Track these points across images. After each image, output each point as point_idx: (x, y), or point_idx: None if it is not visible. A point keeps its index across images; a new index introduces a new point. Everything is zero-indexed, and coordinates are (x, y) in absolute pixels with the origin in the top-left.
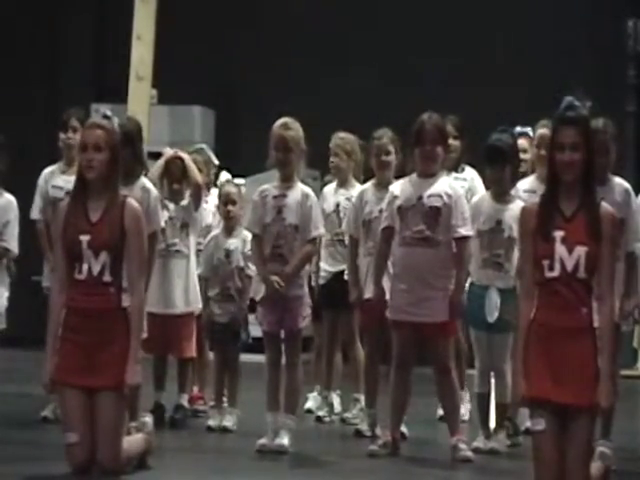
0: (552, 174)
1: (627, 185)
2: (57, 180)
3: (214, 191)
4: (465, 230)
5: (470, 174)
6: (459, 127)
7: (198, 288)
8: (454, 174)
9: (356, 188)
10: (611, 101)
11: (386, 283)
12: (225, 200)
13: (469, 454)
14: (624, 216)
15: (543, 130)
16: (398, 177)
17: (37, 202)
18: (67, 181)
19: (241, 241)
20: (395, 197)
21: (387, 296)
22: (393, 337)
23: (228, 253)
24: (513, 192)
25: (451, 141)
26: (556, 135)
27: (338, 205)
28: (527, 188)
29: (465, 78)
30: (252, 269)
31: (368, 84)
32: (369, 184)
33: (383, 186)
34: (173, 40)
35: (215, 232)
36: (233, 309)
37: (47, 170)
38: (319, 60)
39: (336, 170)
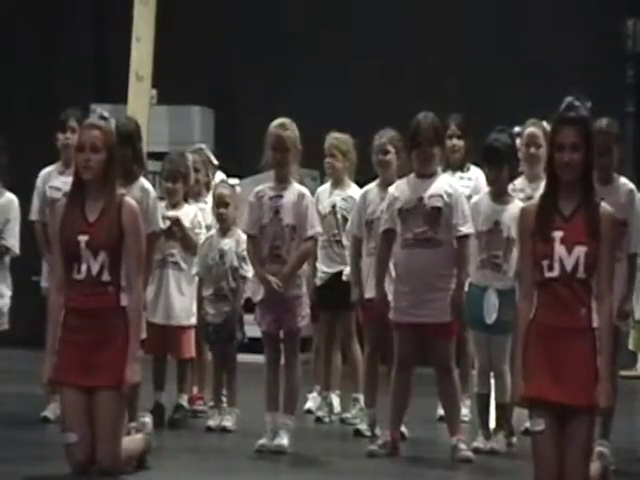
0: (551, 174)
1: (632, 185)
2: (54, 181)
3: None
4: (466, 228)
5: (475, 173)
6: (463, 126)
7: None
8: (459, 173)
9: (352, 188)
10: (610, 101)
11: (387, 285)
12: (218, 202)
13: (469, 454)
14: (628, 217)
15: (532, 129)
16: (402, 177)
17: (35, 203)
18: (65, 182)
19: (235, 241)
20: (395, 199)
21: (389, 297)
22: (395, 338)
23: (222, 253)
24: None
25: (455, 141)
26: (556, 135)
27: (334, 206)
28: (515, 187)
29: (464, 78)
30: (246, 269)
31: (367, 84)
32: (373, 184)
33: (386, 186)
34: (172, 40)
35: (210, 232)
36: (227, 309)
37: (45, 171)
38: (318, 60)
39: (332, 170)
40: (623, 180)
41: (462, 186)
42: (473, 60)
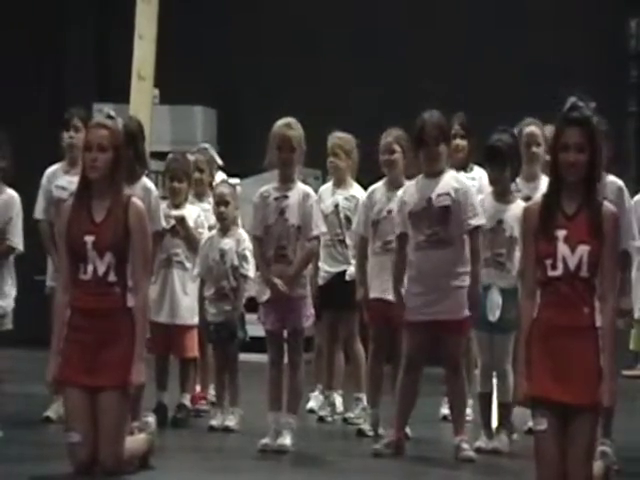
0: (555, 174)
1: (620, 183)
2: (60, 180)
3: None
4: (476, 220)
5: (479, 173)
6: (466, 126)
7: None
8: (463, 173)
9: (354, 187)
10: (612, 101)
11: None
12: (218, 201)
13: (472, 454)
14: (619, 214)
15: (532, 128)
16: (409, 177)
17: (40, 202)
18: (70, 181)
19: (235, 240)
20: (404, 203)
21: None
22: (405, 338)
23: (222, 253)
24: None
25: (458, 140)
26: (560, 135)
27: (337, 205)
28: (516, 187)
29: (464, 78)
30: (246, 268)
31: (370, 84)
32: (379, 184)
33: (392, 185)
34: (175, 40)
35: (211, 233)
36: (228, 308)
37: (50, 170)
38: (321, 59)
39: (335, 170)
40: (611, 178)
41: None
42: (474, 60)
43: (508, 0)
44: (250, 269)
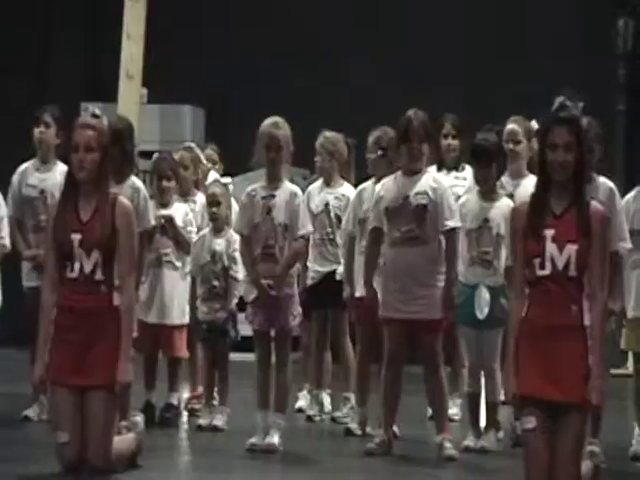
0: (543, 173)
1: (611, 184)
2: (31, 178)
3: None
4: (453, 222)
5: (470, 173)
6: (458, 126)
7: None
8: (454, 173)
9: (344, 186)
10: (601, 100)
11: (376, 282)
12: (210, 201)
13: (454, 452)
14: (609, 215)
15: (511, 125)
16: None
17: (9, 200)
18: (41, 179)
19: (226, 242)
20: (381, 198)
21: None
22: (385, 334)
23: (214, 253)
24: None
25: (450, 140)
26: (548, 135)
27: (327, 204)
28: (501, 184)
29: (461, 77)
30: (235, 270)
31: (362, 83)
32: (368, 182)
33: None
34: (163, 39)
35: (203, 231)
36: (219, 307)
37: (21, 168)
38: (310, 59)
39: (320, 170)
40: (602, 179)
41: (457, 185)
42: (468, 59)
43: (503, 1)
44: (239, 271)
